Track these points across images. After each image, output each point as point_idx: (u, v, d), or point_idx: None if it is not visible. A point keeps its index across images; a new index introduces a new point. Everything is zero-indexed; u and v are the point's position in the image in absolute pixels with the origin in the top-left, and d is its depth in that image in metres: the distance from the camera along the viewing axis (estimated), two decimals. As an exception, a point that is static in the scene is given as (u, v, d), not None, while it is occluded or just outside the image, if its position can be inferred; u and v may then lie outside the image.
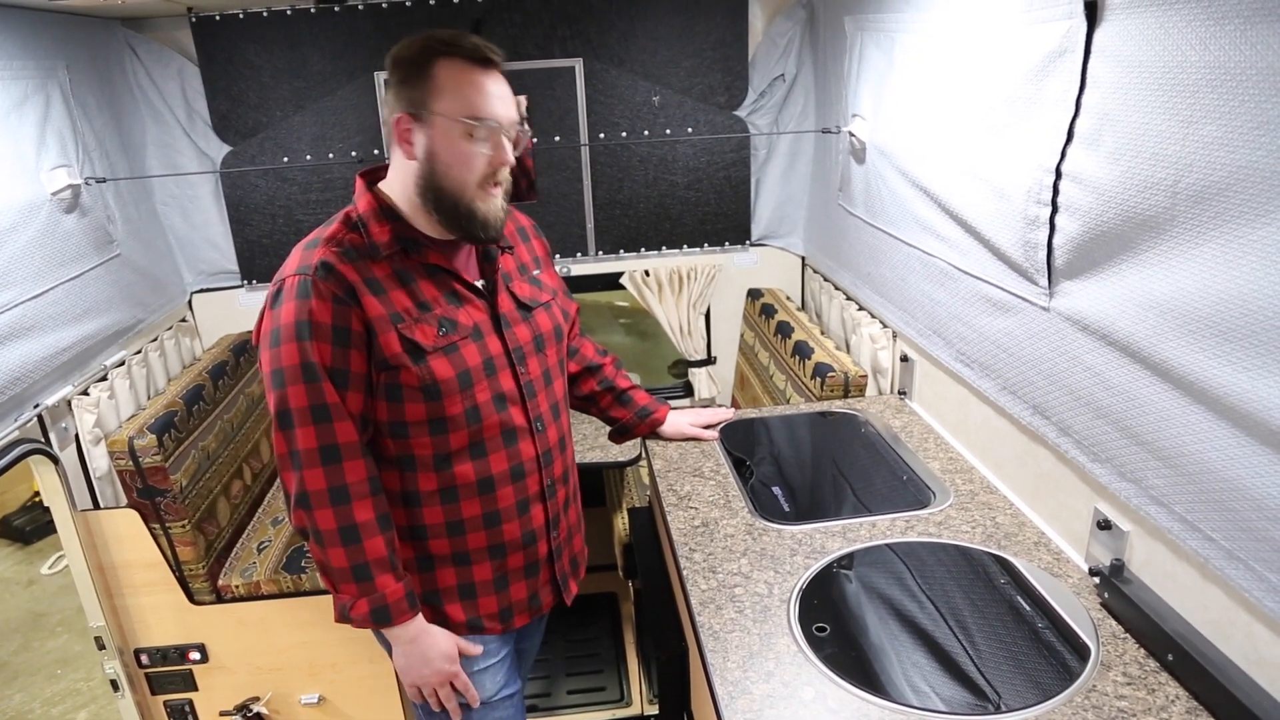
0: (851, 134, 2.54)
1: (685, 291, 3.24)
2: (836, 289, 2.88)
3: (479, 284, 1.60)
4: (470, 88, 1.42)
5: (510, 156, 1.48)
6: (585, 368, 2.01)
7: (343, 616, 1.53)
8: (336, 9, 2.84)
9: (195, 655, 2.51)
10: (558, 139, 3.04)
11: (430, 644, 1.59)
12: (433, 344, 1.49)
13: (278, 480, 3.06)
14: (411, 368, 1.47)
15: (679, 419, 2.16)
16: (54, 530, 2.35)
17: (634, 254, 3.25)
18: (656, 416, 2.11)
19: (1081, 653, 1.36)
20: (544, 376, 1.67)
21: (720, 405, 3.06)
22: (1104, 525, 1.51)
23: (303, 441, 1.44)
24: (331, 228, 1.50)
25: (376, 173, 1.59)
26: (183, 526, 2.39)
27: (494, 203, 1.50)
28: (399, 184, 1.52)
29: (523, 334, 1.63)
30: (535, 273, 1.73)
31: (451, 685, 1.64)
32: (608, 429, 2.12)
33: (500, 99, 1.45)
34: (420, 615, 1.58)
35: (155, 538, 2.37)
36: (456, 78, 1.42)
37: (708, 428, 2.19)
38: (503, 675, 1.73)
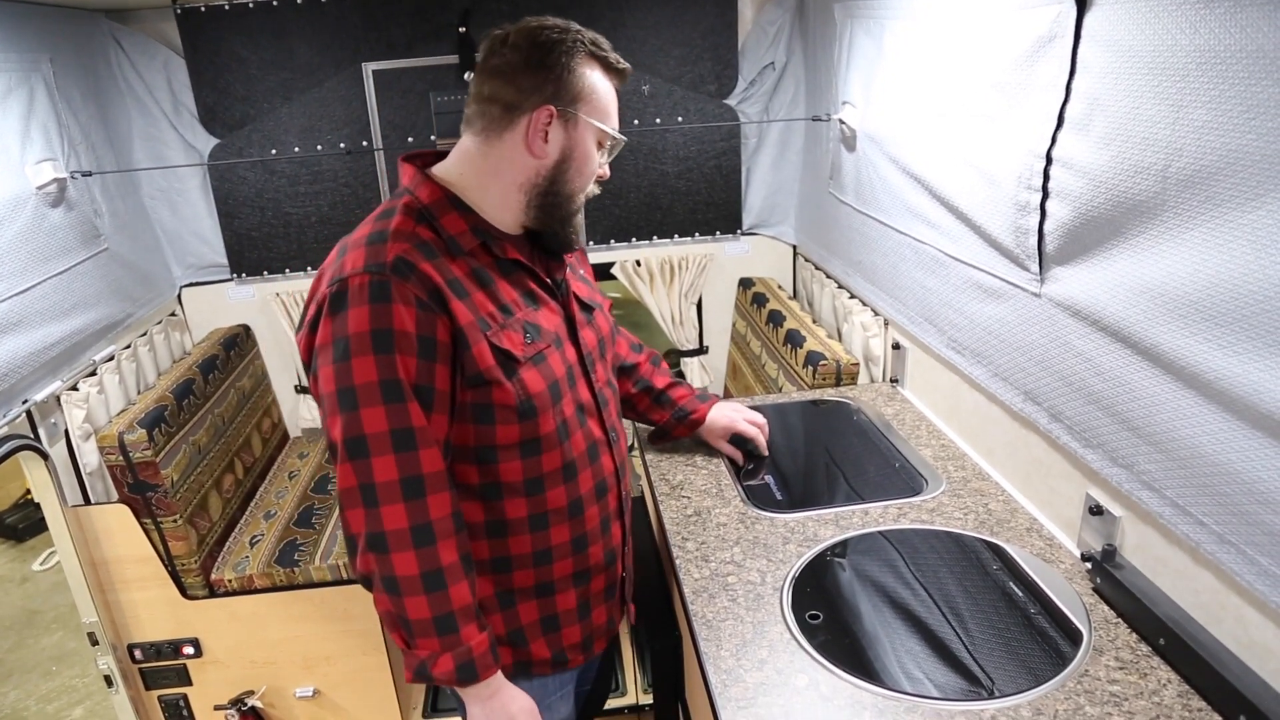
0: (842, 122, 2.54)
1: (677, 281, 3.24)
2: (828, 277, 2.87)
3: (549, 282, 1.45)
4: (612, 100, 1.38)
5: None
6: (619, 368, 1.82)
7: (419, 675, 1.30)
8: None
9: (189, 650, 2.50)
10: None
11: (510, 697, 1.40)
12: (523, 353, 1.33)
13: (270, 474, 3.05)
14: (505, 383, 1.30)
15: (721, 415, 1.95)
16: (46, 527, 2.34)
17: (625, 244, 3.24)
18: (695, 417, 1.92)
19: (1074, 638, 1.36)
20: (609, 383, 1.55)
21: (718, 397, 3.06)
22: (1096, 511, 1.51)
23: (381, 473, 1.23)
24: (395, 219, 1.29)
25: (423, 158, 1.41)
26: (174, 521, 2.38)
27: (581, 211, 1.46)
28: (488, 172, 1.35)
29: (589, 338, 1.49)
30: (580, 270, 1.60)
31: None
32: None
33: None
34: (500, 670, 1.39)
35: (147, 532, 2.36)
36: (605, 85, 1.36)
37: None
38: (567, 708, 1.62)
